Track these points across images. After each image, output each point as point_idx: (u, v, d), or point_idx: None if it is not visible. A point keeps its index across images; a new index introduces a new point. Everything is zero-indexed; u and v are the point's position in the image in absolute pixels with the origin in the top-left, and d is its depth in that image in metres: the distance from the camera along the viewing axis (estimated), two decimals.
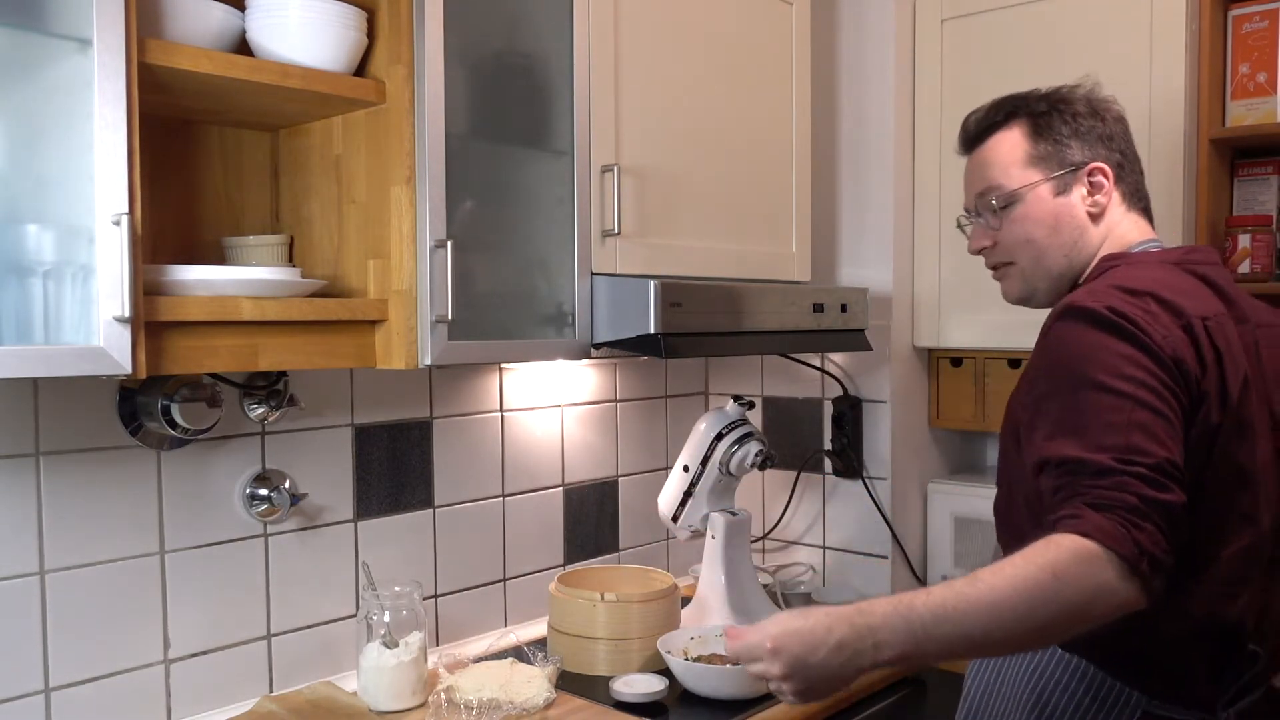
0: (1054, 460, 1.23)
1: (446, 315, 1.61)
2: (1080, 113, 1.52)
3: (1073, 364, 1.27)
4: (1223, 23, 2.29)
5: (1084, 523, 1.16)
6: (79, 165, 1.31)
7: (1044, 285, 1.53)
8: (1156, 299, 1.31)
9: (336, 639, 1.96)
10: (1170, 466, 1.19)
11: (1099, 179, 1.49)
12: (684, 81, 2.06)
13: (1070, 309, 1.31)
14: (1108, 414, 1.21)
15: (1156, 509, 1.16)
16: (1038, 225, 1.50)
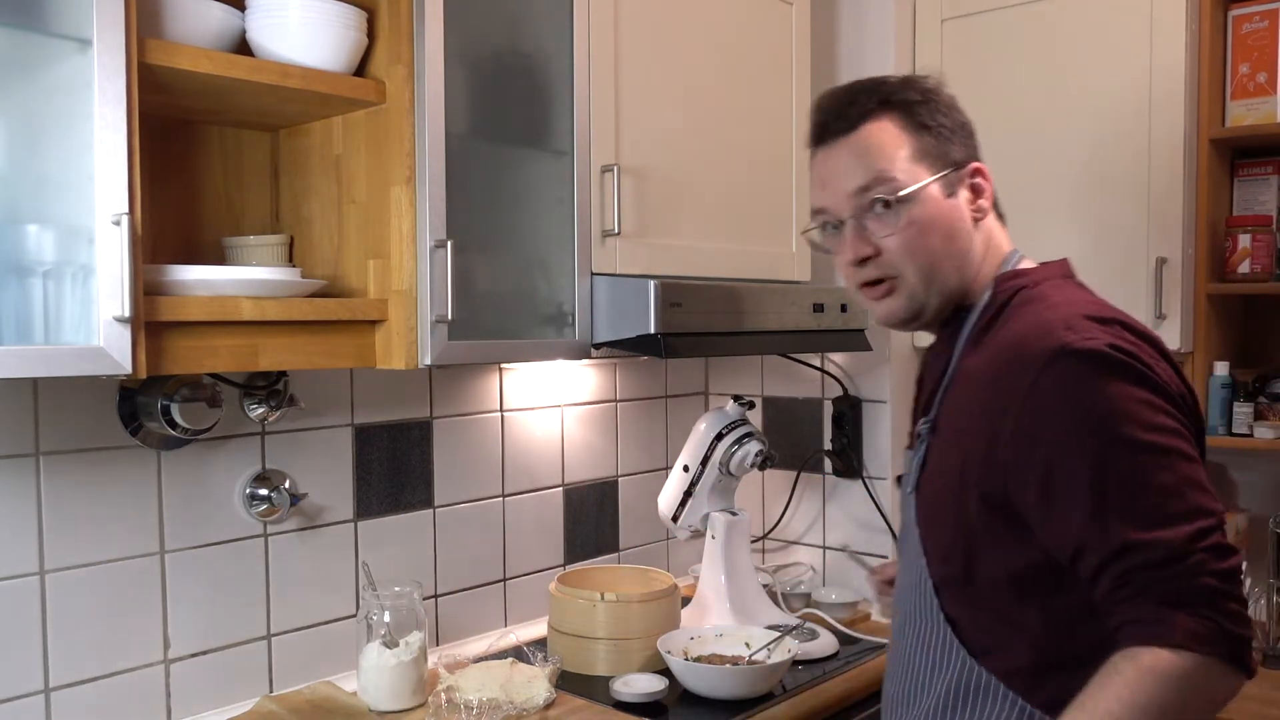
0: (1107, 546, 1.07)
1: (446, 315, 1.61)
2: (952, 104, 1.33)
3: (1090, 421, 1.10)
4: (1223, 23, 2.29)
5: (1169, 628, 1.04)
6: (79, 165, 1.31)
7: (935, 303, 1.30)
8: (1125, 326, 1.18)
9: (336, 639, 1.96)
10: (1224, 518, 1.10)
11: (980, 181, 1.32)
12: (684, 81, 2.06)
13: (1064, 352, 1.12)
14: (1155, 476, 1.07)
15: (1233, 580, 1.06)
16: (934, 231, 1.27)
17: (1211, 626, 1.03)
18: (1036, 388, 1.13)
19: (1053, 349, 1.13)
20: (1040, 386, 1.13)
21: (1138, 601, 1.06)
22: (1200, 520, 1.06)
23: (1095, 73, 2.34)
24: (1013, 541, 1.18)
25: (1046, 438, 1.12)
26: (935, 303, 1.30)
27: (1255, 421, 2.25)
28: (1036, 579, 1.18)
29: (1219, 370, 2.30)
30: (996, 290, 1.28)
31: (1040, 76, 2.43)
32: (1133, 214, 2.30)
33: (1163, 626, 1.04)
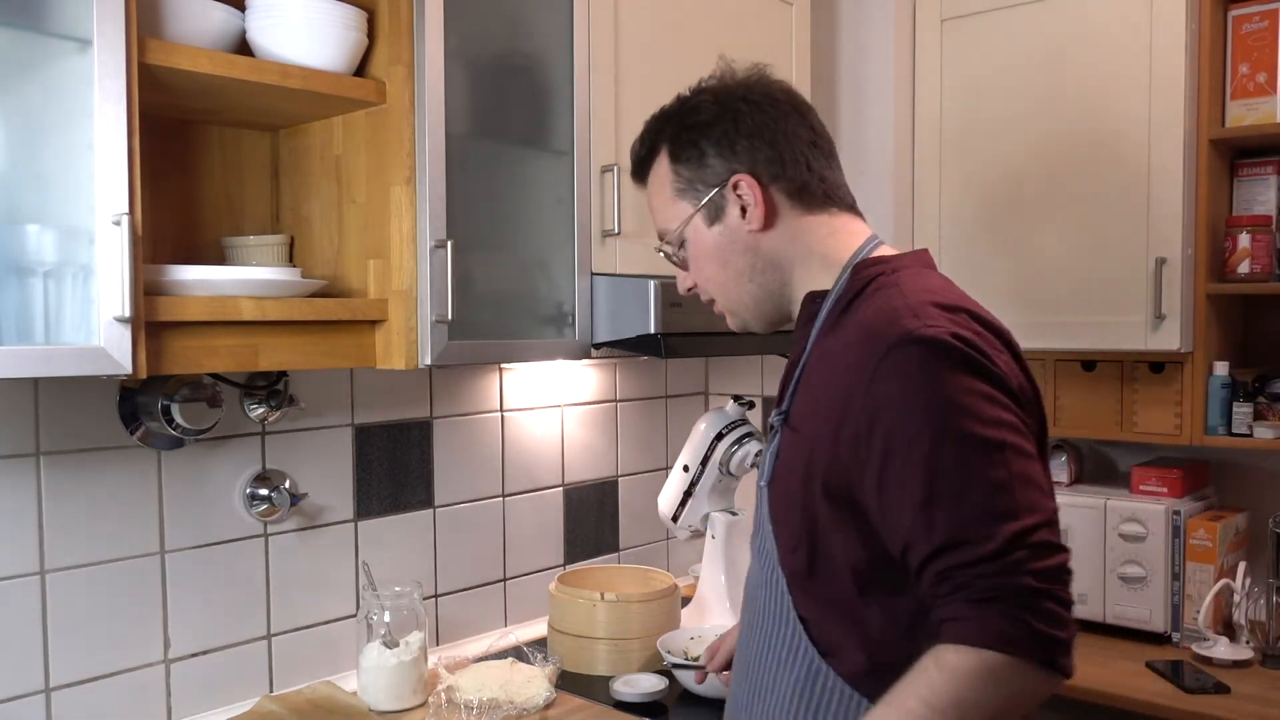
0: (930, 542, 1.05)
1: (446, 315, 1.61)
2: (706, 120, 1.27)
3: (926, 411, 1.07)
4: (1222, 23, 2.30)
5: (977, 627, 1.02)
6: (79, 165, 1.31)
7: (751, 315, 1.33)
8: (972, 315, 1.15)
9: (336, 639, 1.96)
10: (1055, 516, 1.07)
11: (744, 192, 1.26)
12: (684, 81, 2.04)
13: (906, 339, 1.10)
14: (985, 471, 1.05)
15: (1053, 580, 1.03)
16: (707, 262, 1.30)
17: (1022, 626, 1.01)
18: (878, 374, 1.10)
19: (895, 335, 1.11)
20: (881, 373, 1.10)
21: (954, 599, 1.04)
22: (1026, 518, 1.03)
23: (1095, 72, 2.34)
24: (855, 534, 1.15)
25: (883, 426, 1.09)
26: (751, 315, 1.33)
27: (1255, 421, 2.25)
28: (878, 576, 1.15)
29: (1219, 370, 2.30)
30: (853, 277, 1.25)
31: (1040, 76, 2.43)
32: (1133, 214, 2.30)
33: (971, 625, 1.02)
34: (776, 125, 1.26)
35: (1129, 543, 2.35)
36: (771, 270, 1.28)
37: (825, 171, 1.29)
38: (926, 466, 1.06)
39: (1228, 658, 2.18)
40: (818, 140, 1.29)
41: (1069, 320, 2.41)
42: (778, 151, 1.26)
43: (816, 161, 1.28)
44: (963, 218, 2.58)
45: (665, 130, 1.32)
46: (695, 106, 1.29)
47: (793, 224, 1.27)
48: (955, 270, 2.57)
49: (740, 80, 1.30)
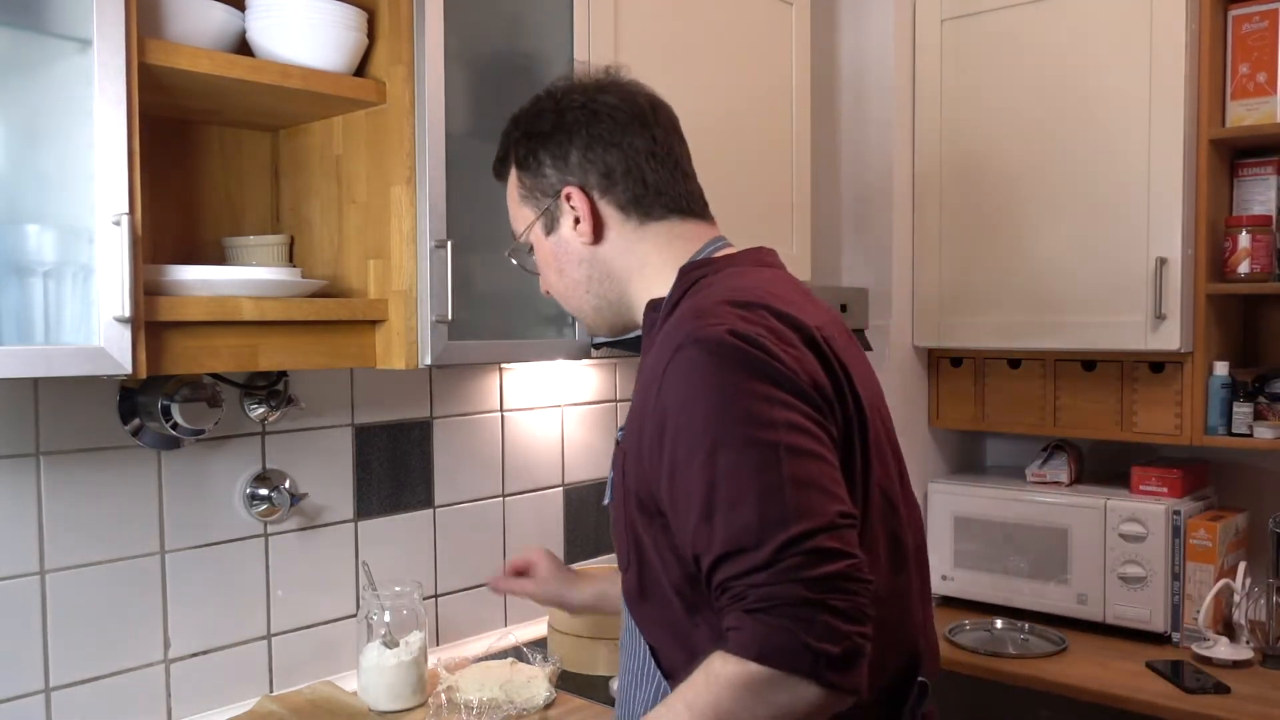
0: (711, 552, 1.02)
1: (446, 315, 1.61)
2: (545, 130, 1.27)
3: (703, 415, 1.04)
4: (1222, 23, 2.30)
5: (745, 636, 0.98)
6: (79, 165, 1.31)
7: (593, 322, 1.33)
8: (771, 311, 1.11)
9: (336, 639, 1.96)
10: (842, 519, 1.02)
11: (575, 204, 1.25)
12: (684, 81, 2.06)
13: (688, 340, 1.07)
14: (760, 475, 1.00)
15: (829, 589, 0.98)
16: (547, 270, 1.32)
17: (786, 638, 0.96)
18: (665, 379, 1.08)
19: (679, 338, 1.08)
20: (667, 377, 1.08)
21: (733, 609, 1.00)
22: (803, 523, 0.99)
23: (1095, 72, 2.34)
24: (670, 550, 1.12)
25: (670, 433, 1.07)
26: (594, 321, 1.33)
27: (1255, 421, 2.25)
28: (700, 593, 1.10)
29: (1219, 370, 2.30)
30: (678, 281, 1.22)
31: (1040, 76, 2.43)
32: (1133, 214, 2.31)
33: (740, 634, 0.99)
34: (612, 137, 1.24)
35: (1129, 543, 2.35)
36: (607, 281, 1.28)
37: (665, 183, 1.26)
38: (703, 474, 1.03)
39: (1228, 658, 2.18)
40: (656, 150, 1.26)
41: (1069, 320, 2.41)
42: (610, 164, 1.24)
43: (655, 173, 1.26)
44: (963, 218, 2.59)
45: (512, 134, 1.32)
46: (538, 113, 1.29)
47: (627, 235, 1.26)
48: (956, 270, 2.58)
49: (586, 86, 1.28)
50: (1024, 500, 2.51)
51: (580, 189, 1.25)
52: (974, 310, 2.57)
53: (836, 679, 0.97)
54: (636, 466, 1.13)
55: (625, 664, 1.28)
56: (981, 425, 2.67)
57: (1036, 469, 2.59)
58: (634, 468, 1.14)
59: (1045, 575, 2.47)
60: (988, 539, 2.56)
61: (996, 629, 2.50)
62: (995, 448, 2.99)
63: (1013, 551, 2.52)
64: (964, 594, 2.61)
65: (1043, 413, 2.54)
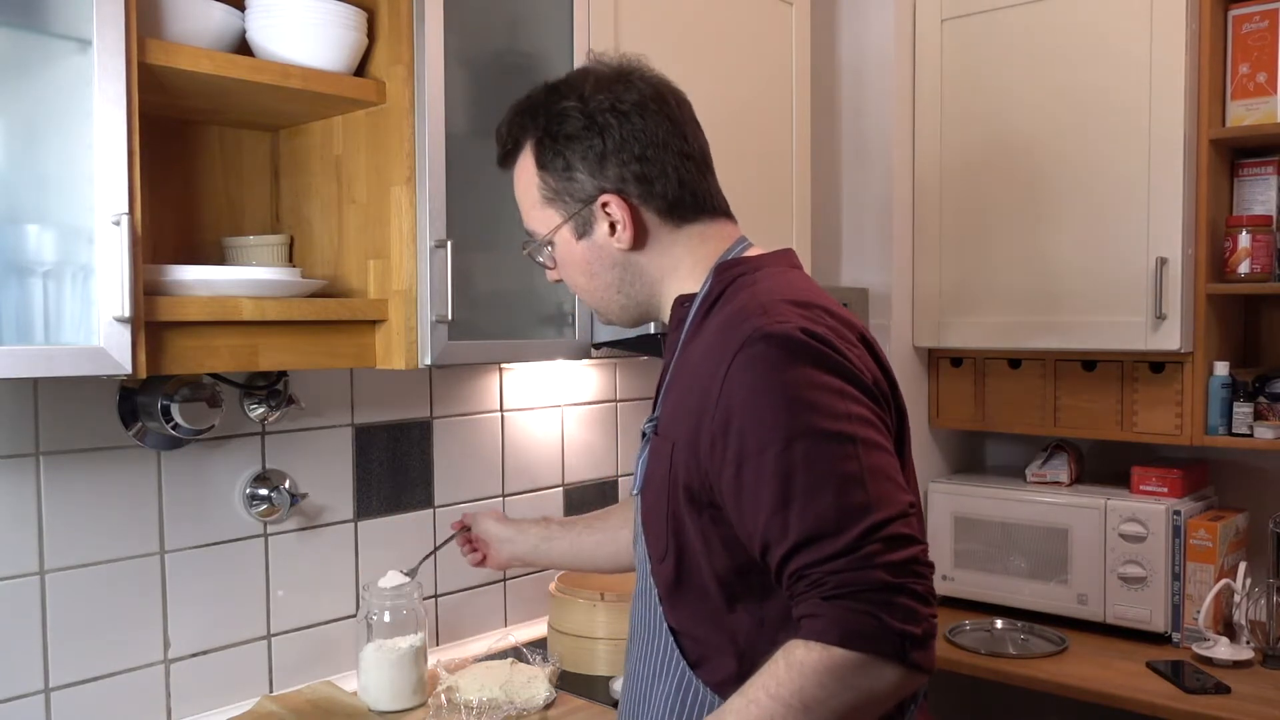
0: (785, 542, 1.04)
1: (446, 315, 1.61)
2: (572, 133, 1.22)
3: (778, 408, 1.05)
4: (1223, 23, 2.30)
5: (826, 623, 1.00)
6: (79, 165, 1.31)
7: (616, 315, 1.32)
8: (825, 311, 1.14)
9: (336, 639, 1.96)
10: (911, 509, 1.05)
11: (612, 211, 1.22)
12: (684, 82, 2.05)
13: (756, 336, 1.08)
14: (837, 465, 1.03)
15: (907, 573, 1.01)
16: (575, 270, 1.29)
17: (869, 621, 0.99)
18: (730, 373, 1.09)
19: (746, 333, 1.09)
20: (733, 371, 1.09)
21: (809, 596, 1.02)
22: (879, 511, 1.02)
23: (1095, 72, 2.34)
24: (719, 541, 1.13)
25: (736, 426, 1.07)
26: (616, 315, 1.32)
27: (1255, 421, 2.25)
28: (744, 583, 1.13)
29: (1219, 370, 2.30)
30: (716, 279, 1.22)
31: (1040, 76, 2.43)
32: (1133, 214, 2.31)
33: (820, 620, 1.01)
34: (646, 138, 1.21)
35: (1129, 543, 2.35)
36: (640, 283, 1.27)
37: (697, 183, 1.25)
38: (778, 466, 1.04)
39: (1228, 658, 2.18)
40: (687, 149, 1.25)
41: (1069, 320, 2.41)
42: (647, 168, 1.22)
43: (688, 174, 1.24)
44: (963, 218, 2.58)
45: (529, 129, 1.27)
46: (562, 113, 1.23)
47: (663, 239, 1.25)
48: (956, 270, 2.58)
49: (609, 80, 1.24)
50: (1024, 500, 2.51)
51: (619, 195, 1.22)
52: (974, 310, 2.57)
53: (919, 659, 1.00)
54: (690, 458, 1.13)
55: (641, 657, 1.26)
56: (982, 425, 2.66)
57: (1037, 469, 2.59)
58: (687, 459, 1.14)
59: (1045, 575, 2.47)
60: (988, 539, 2.56)
61: (996, 629, 2.50)
62: (995, 448, 2.99)
63: (1013, 551, 2.52)
64: (964, 594, 2.61)
65: (1043, 413, 2.53)
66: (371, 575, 1.98)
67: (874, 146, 2.63)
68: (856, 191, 2.67)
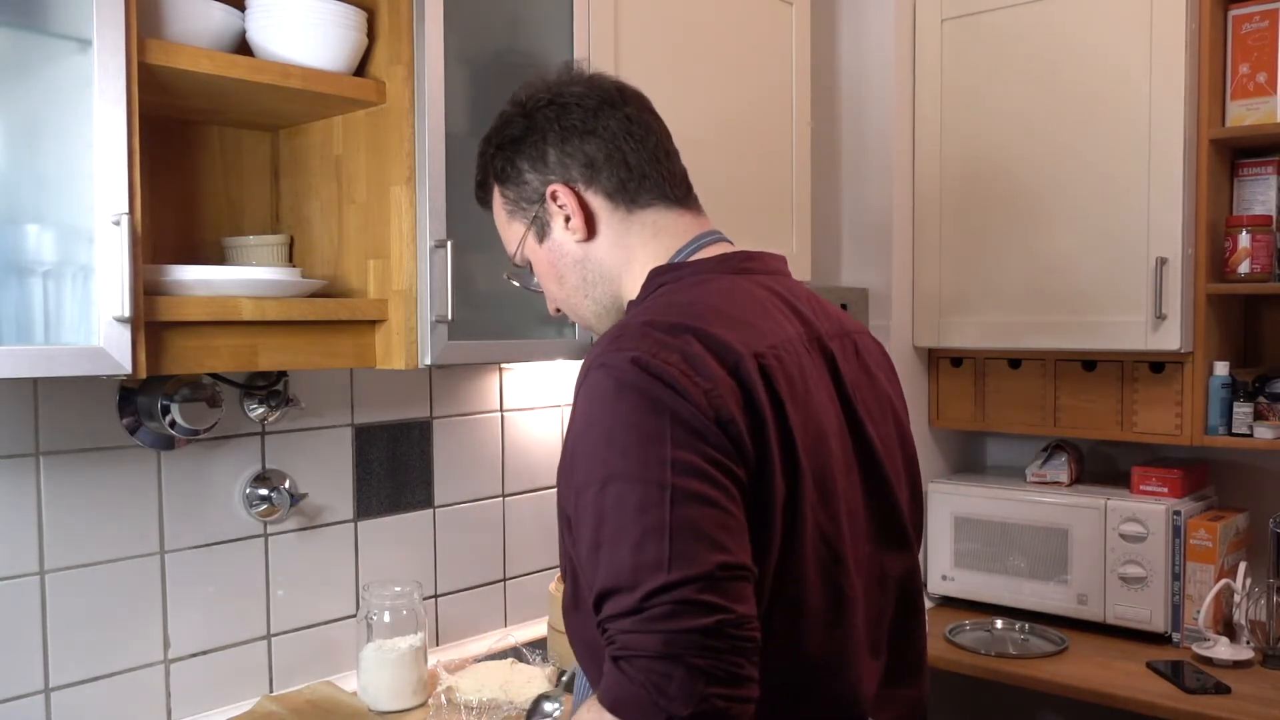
0: (593, 589, 0.98)
1: (446, 315, 1.61)
2: (517, 135, 1.23)
3: (596, 447, 1.00)
4: (1222, 23, 2.30)
5: (605, 684, 0.95)
6: (79, 165, 1.31)
7: (595, 324, 1.29)
8: (699, 335, 1.03)
9: (336, 639, 1.96)
10: (722, 571, 0.94)
11: (564, 203, 1.20)
12: (684, 81, 2.06)
13: (595, 364, 1.03)
14: (640, 516, 0.95)
15: (690, 645, 0.91)
16: (548, 281, 1.27)
17: (637, 692, 0.91)
18: (576, 401, 1.05)
19: (590, 359, 1.05)
20: (577, 400, 1.04)
21: (609, 650, 0.96)
22: (675, 571, 0.92)
23: (1095, 72, 2.34)
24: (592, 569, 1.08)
25: (570, 459, 1.03)
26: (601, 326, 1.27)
27: (1255, 421, 2.25)
28: None
29: (1219, 370, 2.30)
30: (645, 287, 1.19)
31: (1040, 76, 2.43)
32: (1133, 214, 2.31)
33: (604, 681, 0.95)
34: (585, 125, 1.20)
35: (1129, 543, 2.35)
36: (602, 282, 1.23)
37: (647, 164, 1.21)
38: (594, 507, 0.98)
39: (1228, 658, 2.18)
40: (633, 130, 1.21)
41: (1069, 320, 2.41)
42: (590, 152, 1.20)
43: (635, 154, 1.20)
44: (963, 218, 2.59)
45: (487, 152, 1.28)
46: (507, 122, 1.24)
47: (614, 227, 1.21)
48: (956, 270, 2.58)
49: (548, 84, 1.24)
50: (1024, 500, 2.51)
51: (565, 184, 1.20)
52: (974, 310, 2.57)
53: None
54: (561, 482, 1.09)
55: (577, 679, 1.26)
56: (982, 425, 2.66)
57: (1037, 469, 2.59)
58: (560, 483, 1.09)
59: (1045, 575, 2.47)
60: (988, 539, 2.56)
61: (996, 629, 2.50)
62: (995, 448, 2.99)
63: (1013, 551, 2.52)
64: (964, 594, 2.61)
65: (1043, 413, 2.54)
66: (371, 575, 1.98)
67: (874, 146, 2.63)
68: (856, 191, 2.67)
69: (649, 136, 1.23)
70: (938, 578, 2.64)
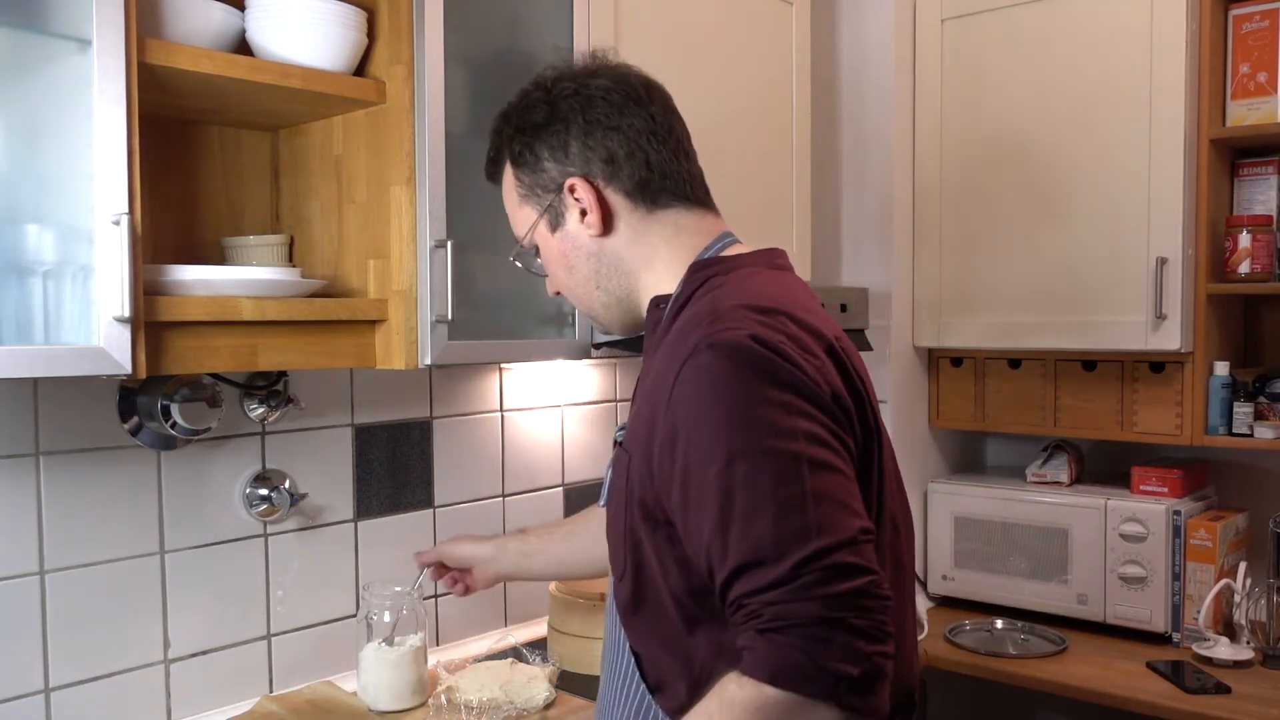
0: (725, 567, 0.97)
1: (446, 315, 1.61)
2: (539, 121, 1.21)
3: (721, 423, 0.99)
4: (1223, 22, 2.30)
5: (758, 658, 0.94)
6: (79, 165, 1.31)
7: (605, 320, 1.29)
8: (792, 318, 1.06)
9: (336, 639, 1.96)
10: (863, 536, 0.97)
11: (581, 196, 1.20)
12: (684, 81, 2.05)
13: (704, 344, 1.02)
14: (778, 488, 0.96)
15: (848, 607, 0.93)
16: (556, 268, 1.27)
17: (801, 659, 0.91)
18: (678, 383, 1.03)
19: (694, 341, 1.04)
20: (680, 381, 1.03)
21: (747, 627, 0.95)
22: (823, 538, 0.94)
23: (1096, 73, 2.34)
24: (673, 559, 1.07)
25: (683, 438, 1.02)
26: (606, 319, 1.28)
27: (1255, 421, 2.25)
28: (702, 606, 1.07)
29: (1219, 370, 2.30)
30: (688, 279, 1.18)
31: (1041, 76, 2.43)
32: (1133, 214, 2.31)
33: (755, 655, 0.94)
34: (609, 121, 1.19)
35: (1129, 543, 2.35)
36: (617, 275, 1.23)
37: (669, 165, 1.21)
38: (719, 485, 0.98)
39: (1228, 658, 2.18)
40: (657, 130, 1.21)
41: (1069, 320, 2.41)
42: (612, 149, 1.19)
43: (657, 154, 1.21)
44: (963, 218, 2.58)
45: (504, 132, 1.27)
46: (529, 106, 1.23)
47: (634, 225, 1.21)
48: (956, 269, 2.58)
49: (575, 73, 1.23)
50: (1024, 500, 2.51)
51: (584, 179, 1.20)
52: (974, 310, 2.57)
53: (857, 701, 0.93)
54: (644, 472, 1.08)
55: (607, 677, 1.24)
56: (982, 425, 2.66)
57: (1037, 469, 2.59)
58: (641, 473, 1.09)
59: (1045, 575, 2.47)
60: (988, 539, 2.56)
61: (997, 629, 2.50)
62: (995, 448, 2.99)
63: (1013, 551, 2.52)
64: (964, 594, 2.61)
65: (1043, 413, 2.53)
66: (371, 575, 1.98)
67: (874, 146, 2.63)
68: (856, 191, 2.67)
69: (670, 137, 1.23)
70: (938, 577, 2.64)
